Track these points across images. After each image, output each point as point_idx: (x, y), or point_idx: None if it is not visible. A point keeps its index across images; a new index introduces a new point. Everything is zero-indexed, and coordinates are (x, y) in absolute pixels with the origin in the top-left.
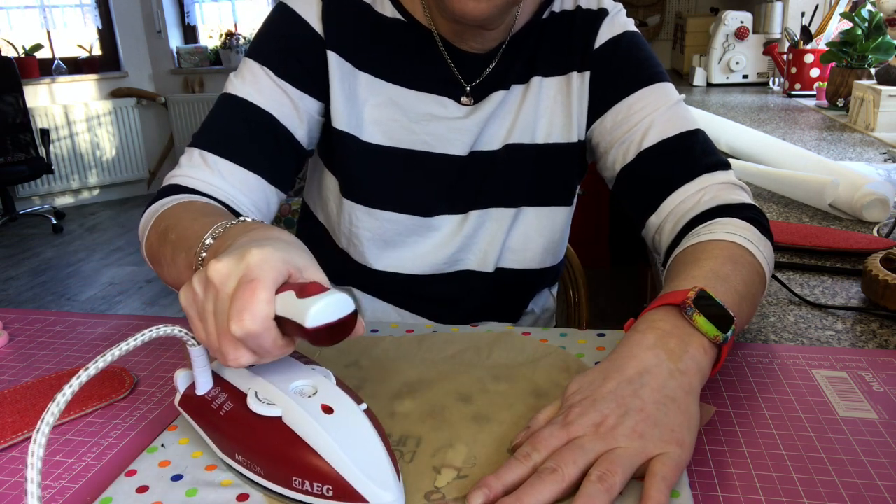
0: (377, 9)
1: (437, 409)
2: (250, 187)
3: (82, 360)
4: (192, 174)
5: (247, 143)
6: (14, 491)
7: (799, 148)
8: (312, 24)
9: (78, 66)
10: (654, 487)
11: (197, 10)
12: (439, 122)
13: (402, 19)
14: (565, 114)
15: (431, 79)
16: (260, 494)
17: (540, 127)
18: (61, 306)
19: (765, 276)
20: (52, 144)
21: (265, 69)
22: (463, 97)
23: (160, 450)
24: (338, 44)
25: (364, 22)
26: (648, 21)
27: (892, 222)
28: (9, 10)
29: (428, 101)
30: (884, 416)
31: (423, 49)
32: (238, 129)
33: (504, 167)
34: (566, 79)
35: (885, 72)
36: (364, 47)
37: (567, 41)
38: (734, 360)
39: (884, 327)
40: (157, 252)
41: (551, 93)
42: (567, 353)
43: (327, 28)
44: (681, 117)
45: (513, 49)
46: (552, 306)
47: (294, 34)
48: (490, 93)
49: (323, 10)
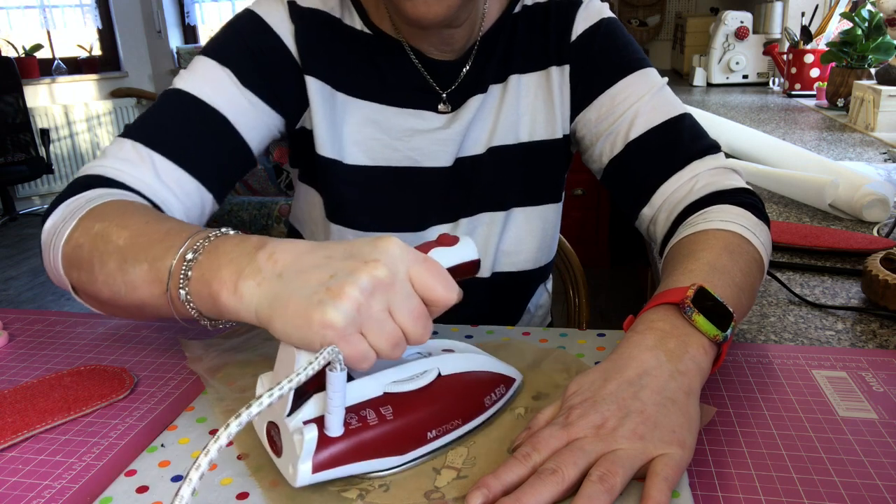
0: (347, 22)
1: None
2: (186, 191)
3: (82, 360)
4: (120, 167)
5: (190, 143)
6: (14, 491)
7: (799, 148)
8: (288, 46)
9: (78, 66)
10: (655, 487)
11: (197, 10)
12: (422, 136)
13: (370, 33)
14: (548, 110)
15: (407, 92)
16: (259, 493)
17: (523, 125)
18: (61, 306)
19: (763, 262)
20: (52, 144)
21: (227, 71)
22: (440, 105)
23: (160, 449)
24: (315, 67)
25: (335, 37)
26: (648, 21)
27: (892, 222)
28: (9, 10)
29: (407, 115)
30: (884, 416)
31: (395, 62)
32: (182, 127)
33: (490, 171)
34: (545, 74)
35: (885, 72)
36: (339, 65)
37: (542, 34)
38: (734, 360)
39: (884, 327)
40: (85, 257)
41: (531, 89)
42: (567, 353)
43: (302, 50)
44: (667, 103)
45: (485, 49)
46: (547, 302)
47: (266, 49)
48: (467, 98)
49: (296, 31)
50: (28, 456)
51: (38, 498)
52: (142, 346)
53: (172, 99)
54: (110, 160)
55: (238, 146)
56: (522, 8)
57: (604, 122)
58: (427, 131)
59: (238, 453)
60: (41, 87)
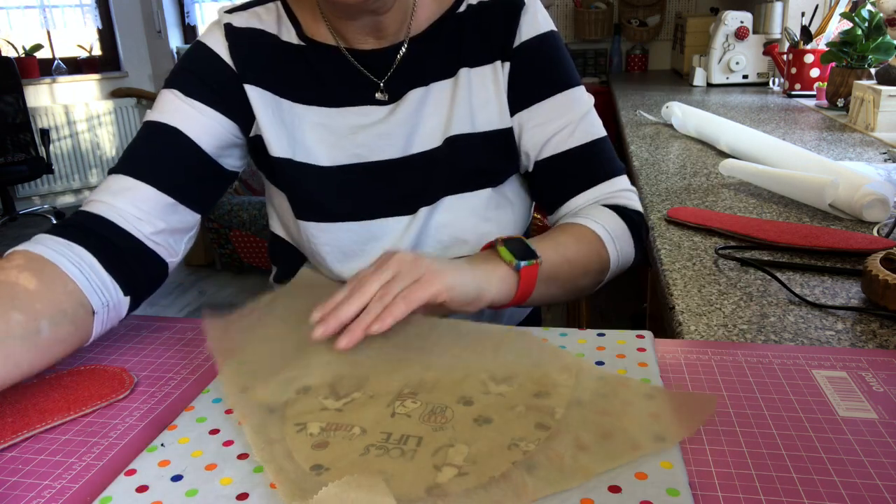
0: (284, 38)
1: (439, 410)
2: (141, 198)
3: (82, 359)
4: (93, 196)
5: (147, 159)
6: (14, 491)
7: (799, 148)
8: (226, 60)
9: (78, 66)
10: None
11: (197, 10)
12: (365, 132)
13: (305, 45)
14: (499, 100)
15: (346, 91)
16: (259, 493)
17: (478, 116)
18: None
19: (607, 259)
20: (52, 144)
21: (174, 91)
22: (377, 93)
23: (160, 449)
24: (252, 76)
25: (272, 51)
26: (648, 21)
27: (892, 222)
28: (9, 10)
29: (348, 114)
30: (884, 416)
31: (331, 66)
32: (141, 149)
33: (448, 161)
34: (492, 68)
35: (885, 72)
36: (278, 75)
37: (489, 32)
38: (734, 359)
39: (884, 327)
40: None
41: (484, 81)
42: (568, 353)
43: (237, 63)
44: (592, 125)
45: (425, 42)
46: None
47: (205, 65)
48: (406, 90)
49: (229, 46)
50: (28, 456)
51: (38, 498)
52: (142, 346)
53: (141, 131)
54: (92, 194)
55: (193, 151)
56: (468, 7)
57: (537, 129)
58: (369, 125)
59: (238, 453)
60: (41, 87)
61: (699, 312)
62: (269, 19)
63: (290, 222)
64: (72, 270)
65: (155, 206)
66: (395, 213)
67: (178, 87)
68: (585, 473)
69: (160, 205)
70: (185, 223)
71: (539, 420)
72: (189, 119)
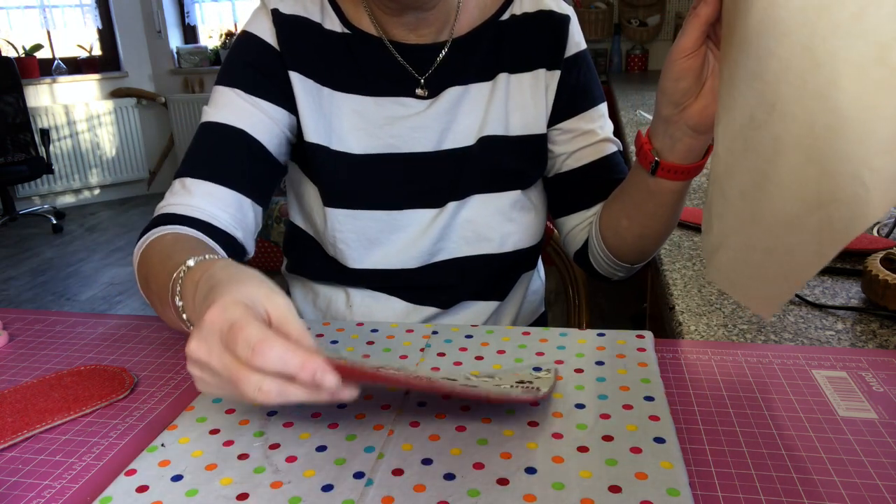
0: (327, 27)
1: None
2: (226, 202)
3: (82, 360)
4: (172, 201)
5: (220, 162)
6: (14, 491)
7: None
8: (275, 46)
9: (78, 66)
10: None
11: (197, 10)
12: (401, 123)
13: (349, 33)
14: (535, 107)
15: (386, 82)
16: (260, 493)
17: (513, 120)
18: (61, 306)
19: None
20: (52, 144)
21: (235, 90)
22: (418, 89)
23: (160, 449)
24: (296, 63)
25: (316, 39)
26: (648, 21)
27: (892, 222)
28: (9, 10)
29: (386, 104)
30: (884, 416)
31: (373, 56)
32: (211, 151)
33: (480, 160)
34: (533, 75)
35: None
36: (320, 64)
37: (534, 41)
38: (734, 359)
39: (884, 327)
40: (147, 296)
41: (522, 87)
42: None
43: (284, 49)
44: (611, 139)
45: (467, 44)
46: (540, 288)
47: (258, 55)
48: (445, 87)
49: (277, 33)
50: (28, 456)
51: (38, 498)
52: (142, 346)
53: (199, 133)
54: (166, 199)
55: (259, 149)
56: (511, 17)
57: (569, 139)
58: (405, 118)
59: (238, 453)
60: (41, 87)
61: (699, 312)
62: (313, 8)
63: (314, 211)
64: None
65: (238, 209)
66: (423, 205)
67: (239, 85)
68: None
69: (241, 207)
70: (257, 223)
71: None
72: (254, 120)
